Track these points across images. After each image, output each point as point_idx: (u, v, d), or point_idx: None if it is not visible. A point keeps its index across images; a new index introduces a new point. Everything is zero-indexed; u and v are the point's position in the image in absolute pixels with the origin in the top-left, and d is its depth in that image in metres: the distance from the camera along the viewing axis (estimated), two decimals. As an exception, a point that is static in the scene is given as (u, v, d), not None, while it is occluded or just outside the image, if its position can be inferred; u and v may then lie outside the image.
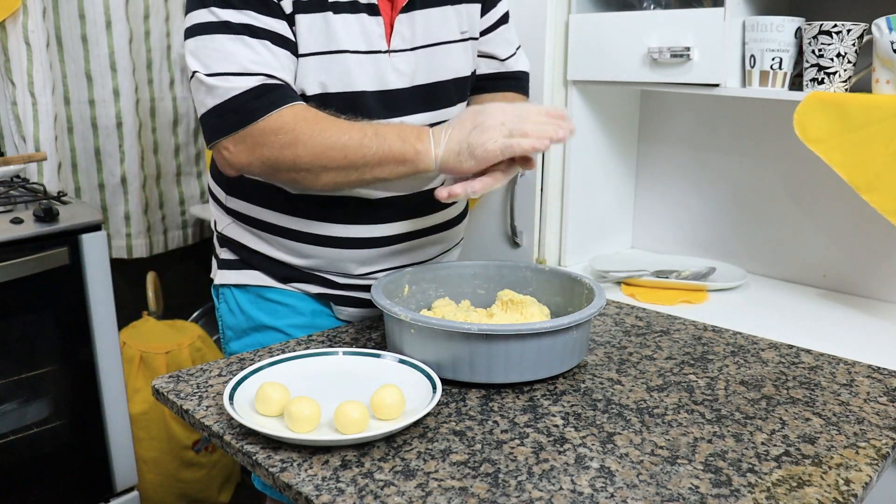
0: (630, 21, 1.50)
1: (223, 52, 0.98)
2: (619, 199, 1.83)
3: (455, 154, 0.98)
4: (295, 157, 0.99)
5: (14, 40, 1.88)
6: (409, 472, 0.77)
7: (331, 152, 0.98)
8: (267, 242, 1.17)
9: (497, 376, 0.94)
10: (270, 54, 0.99)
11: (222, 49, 0.98)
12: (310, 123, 0.98)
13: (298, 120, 0.98)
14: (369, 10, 1.05)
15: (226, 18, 0.98)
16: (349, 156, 0.98)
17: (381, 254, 1.15)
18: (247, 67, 0.98)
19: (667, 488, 0.74)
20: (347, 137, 0.98)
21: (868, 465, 0.79)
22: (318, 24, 1.02)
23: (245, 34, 0.98)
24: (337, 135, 0.98)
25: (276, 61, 1.00)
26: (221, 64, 0.98)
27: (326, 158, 0.98)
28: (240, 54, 0.98)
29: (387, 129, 1.00)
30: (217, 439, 0.85)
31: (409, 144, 0.98)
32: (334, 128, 0.99)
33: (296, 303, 1.19)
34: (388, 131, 1.00)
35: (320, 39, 1.03)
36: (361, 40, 1.05)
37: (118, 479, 1.76)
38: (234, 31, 0.98)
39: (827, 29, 1.26)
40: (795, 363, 1.06)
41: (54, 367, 1.65)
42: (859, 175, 1.24)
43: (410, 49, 1.09)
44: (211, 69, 0.98)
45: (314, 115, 1.00)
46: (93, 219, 1.62)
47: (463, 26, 1.16)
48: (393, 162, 0.99)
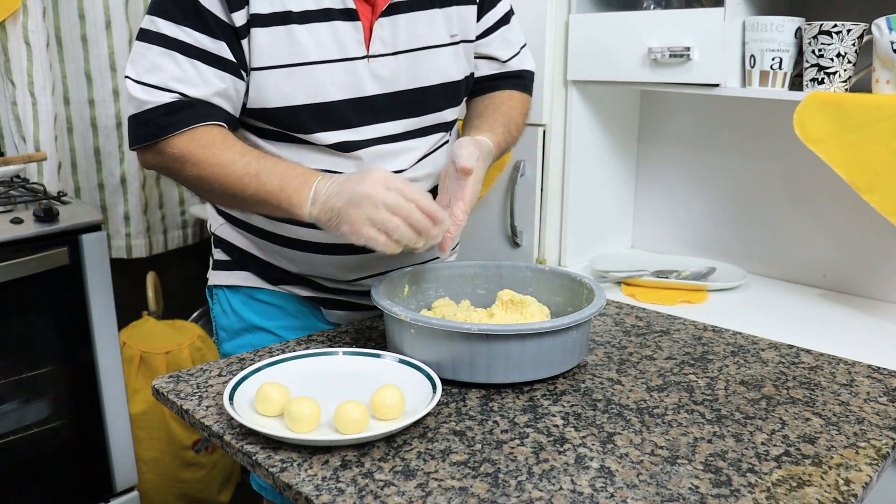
0: (630, 21, 1.50)
1: (151, 63, 1.00)
2: (619, 199, 1.83)
3: (326, 220, 0.96)
4: (186, 176, 1.01)
5: (14, 40, 1.88)
6: (409, 472, 0.77)
7: (210, 180, 1.00)
8: (256, 245, 1.17)
9: (497, 376, 0.94)
10: (196, 73, 1.00)
11: (152, 60, 1.00)
12: (200, 146, 1.00)
13: (193, 141, 1.00)
14: (345, 16, 1.03)
15: (163, 31, 1.00)
16: (228, 188, 0.99)
17: (366, 260, 1.14)
18: (166, 83, 0.99)
19: (667, 488, 0.74)
20: (230, 170, 0.98)
21: (868, 465, 0.79)
22: (279, 37, 1.01)
23: (175, 50, 1.00)
24: (219, 165, 0.99)
25: (200, 80, 1.00)
26: (147, 74, 1.00)
27: (208, 185, 1.01)
28: (165, 69, 0.99)
29: (273, 170, 0.98)
30: (217, 439, 0.85)
31: (285, 194, 0.97)
32: (220, 156, 0.99)
33: (286, 304, 1.19)
34: (273, 174, 0.98)
35: (282, 53, 1.01)
36: (333, 48, 1.03)
37: (118, 479, 1.75)
38: (167, 45, 1.00)
39: (827, 29, 1.26)
40: (795, 363, 1.06)
41: (54, 367, 1.65)
42: (859, 175, 1.24)
43: (391, 54, 1.07)
44: (139, 77, 1.00)
45: (210, 137, 1.00)
46: (93, 219, 1.62)
47: (453, 29, 1.13)
48: (268, 205, 0.99)
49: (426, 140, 1.15)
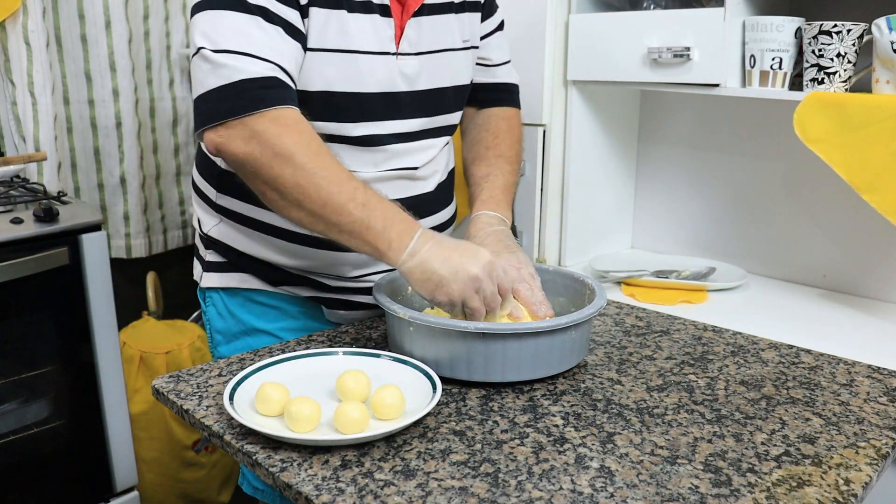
0: (630, 21, 1.50)
1: (235, 29, 0.90)
2: (619, 199, 1.83)
3: (420, 281, 0.93)
4: (280, 174, 0.90)
5: (14, 40, 1.88)
6: (409, 472, 0.77)
7: (312, 192, 0.91)
8: (258, 243, 1.14)
9: (495, 375, 0.94)
10: (283, 42, 0.94)
11: (235, 26, 0.91)
12: (312, 149, 0.91)
13: (304, 138, 0.91)
14: (381, 11, 1.05)
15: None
16: (326, 208, 0.91)
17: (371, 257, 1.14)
18: (261, 51, 0.91)
19: (667, 488, 0.74)
20: (337, 190, 0.91)
21: (868, 465, 0.79)
22: (333, 20, 1.00)
23: (260, 16, 0.92)
24: (328, 180, 0.91)
25: (288, 51, 0.94)
26: (232, 41, 0.90)
27: (304, 195, 0.91)
28: (254, 35, 0.91)
29: (378, 206, 0.92)
30: (217, 439, 0.85)
31: (385, 235, 0.92)
32: (332, 172, 0.91)
33: (286, 305, 1.19)
34: (377, 209, 0.92)
35: (334, 36, 1.00)
36: (374, 40, 1.04)
37: (118, 479, 1.75)
38: (250, 11, 0.91)
39: (827, 29, 1.26)
40: (795, 363, 1.06)
41: (54, 367, 1.65)
42: (859, 175, 1.24)
43: (415, 54, 1.09)
44: (219, 45, 0.90)
45: (318, 143, 0.93)
46: (93, 219, 1.62)
47: (465, 35, 1.16)
48: (362, 240, 0.93)
49: (438, 140, 1.18)
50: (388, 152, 1.10)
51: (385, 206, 0.93)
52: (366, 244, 0.93)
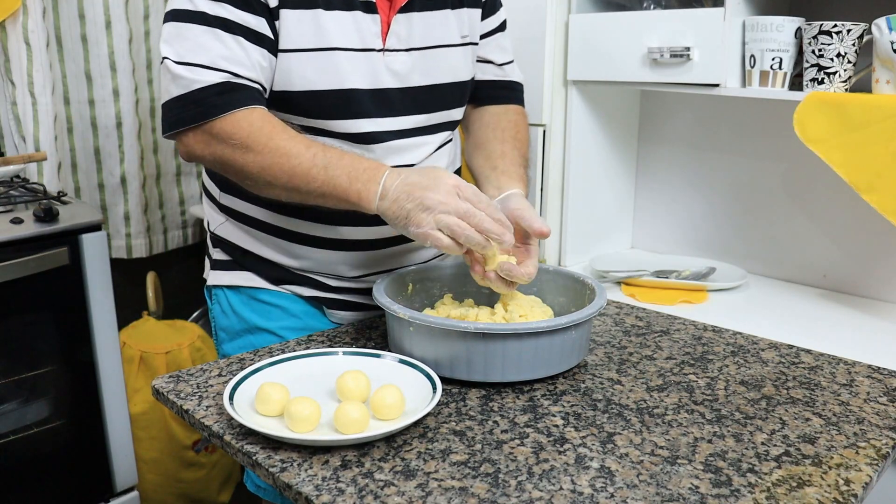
0: (630, 21, 1.50)
1: (194, 43, 0.97)
2: (619, 199, 1.83)
3: (392, 217, 0.95)
4: (244, 164, 0.98)
5: (14, 40, 1.88)
6: (409, 472, 0.77)
7: (276, 171, 0.97)
8: (260, 242, 1.16)
9: (494, 375, 0.94)
10: (242, 51, 0.99)
11: (194, 39, 0.97)
12: (264, 134, 0.97)
13: (255, 128, 0.97)
14: (365, 8, 1.05)
15: (203, 9, 0.98)
16: (293, 180, 0.97)
17: (373, 256, 1.15)
18: (214, 62, 0.97)
19: (667, 488, 0.74)
20: (297, 162, 0.96)
21: (868, 465, 0.79)
22: (306, 20, 1.01)
23: (219, 27, 0.98)
24: (286, 156, 0.96)
25: (246, 58, 0.99)
26: (191, 54, 0.97)
27: (271, 175, 0.98)
28: (210, 47, 0.97)
29: (339, 162, 0.97)
30: (217, 439, 0.85)
31: (353, 187, 0.95)
32: (286, 147, 0.97)
33: (288, 304, 1.19)
34: (340, 165, 0.96)
35: (309, 36, 1.02)
36: (355, 37, 1.04)
37: (118, 479, 1.76)
38: (209, 23, 0.98)
39: (827, 29, 1.26)
40: (795, 363, 1.06)
41: (54, 367, 1.65)
42: (859, 175, 1.24)
43: (406, 50, 1.09)
44: (181, 58, 0.98)
45: (271, 126, 0.98)
46: (93, 219, 1.62)
47: (464, 30, 1.15)
48: (334, 198, 0.97)
49: (436, 137, 1.17)
50: (383, 149, 1.10)
51: (346, 160, 0.97)
52: (341, 201, 0.97)
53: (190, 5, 0.98)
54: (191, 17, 0.98)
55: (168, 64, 0.99)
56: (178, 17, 0.99)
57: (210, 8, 0.98)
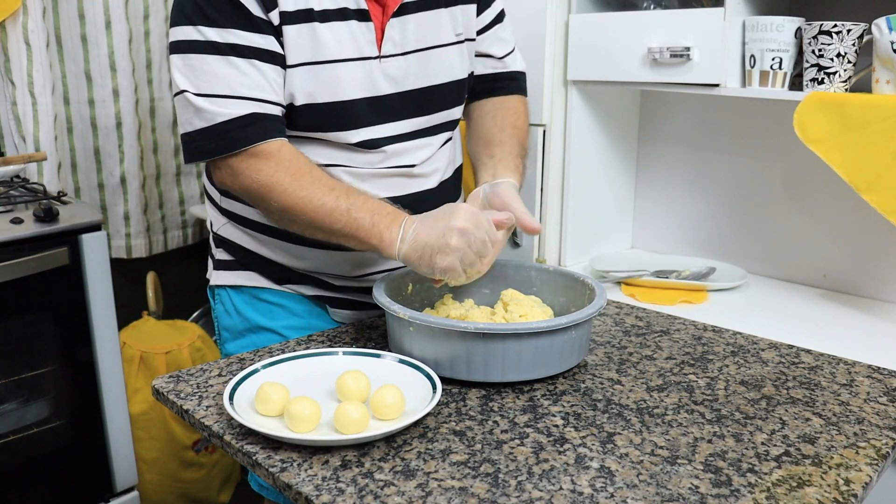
0: (630, 21, 1.50)
1: (211, 73, 0.98)
2: (619, 199, 1.83)
3: (415, 259, 0.98)
4: (268, 201, 1.00)
5: (14, 40, 1.88)
6: (409, 472, 0.77)
7: (299, 213, 0.99)
8: (261, 243, 1.17)
9: (494, 375, 0.94)
10: (259, 73, 0.99)
11: (210, 70, 0.98)
12: (289, 175, 0.99)
13: (280, 169, 0.99)
14: (359, 17, 1.05)
15: (211, 38, 0.98)
16: (316, 221, 0.99)
17: (373, 255, 1.15)
18: (235, 91, 0.98)
19: (667, 488, 0.74)
20: (320, 204, 0.98)
21: (868, 465, 0.79)
22: (304, 34, 1.02)
23: (231, 54, 0.98)
24: (309, 198, 0.98)
25: (264, 80, 1.00)
26: (209, 86, 0.98)
27: (294, 215, 1.00)
28: (228, 77, 0.98)
29: (363, 204, 0.99)
30: (217, 439, 0.85)
31: (376, 231, 0.98)
32: (310, 188, 0.99)
33: (291, 304, 1.19)
34: (363, 208, 0.99)
35: (307, 50, 1.02)
36: (351, 47, 1.04)
37: (118, 479, 1.76)
38: (221, 52, 0.98)
39: (827, 29, 1.26)
40: (795, 363, 1.06)
41: (54, 367, 1.65)
42: (859, 175, 1.24)
43: (402, 54, 1.09)
44: (200, 90, 0.98)
45: (297, 167, 1.00)
46: (93, 219, 1.62)
47: (458, 28, 1.15)
48: (357, 240, 1.00)
49: (437, 138, 1.17)
50: (385, 153, 1.10)
51: (370, 205, 1.00)
52: (362, 243, 1.00)
53: (198, 35, 0.98)
54: (201, 47, 0.98)
55: (188, 97, 0.99)
56: (188, 49, 0.99)
57: (219, 36, 0.98)
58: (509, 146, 1.18)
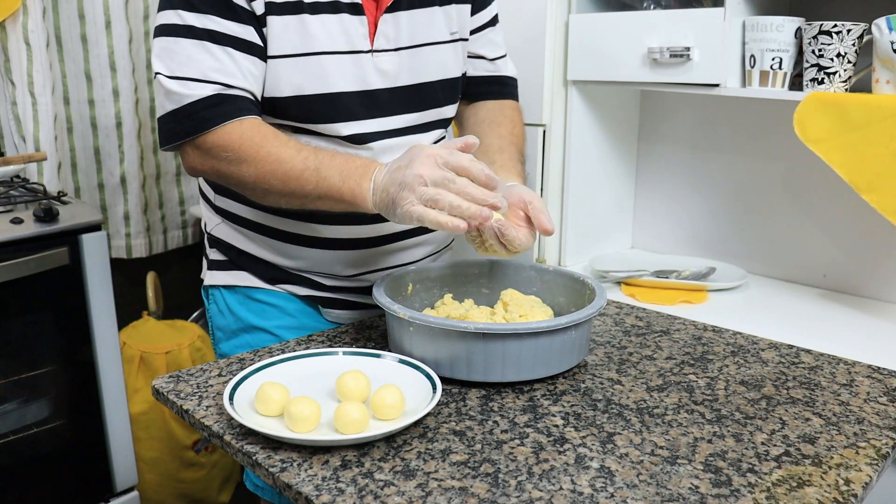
0: (630, 21, 1.50)
1: (183, 56, 0.99)
2: (619, 199, 1.83)
3: (384, 205, 0.93)
4: (239, 174, 0.99)
5: (14, 40, 1.88)
6: (409, 472, 0.77)
7: (271, 178, 0.98)
8: (254, 242, 1.17)
9: (494, 375, 0.94)
10: (231, 61, 1.00)
11: (183, 53, 0.99)
12: (255, 144, 0.98)
13: (245, 139, 0.98)
14: (352, 10, 1.05)
15: (190, 22, 0.99)
16: (289, 184, 0.97)
17: (366, 255, 1.15)
18: (206, 74, 0.98)
19: (667, 488, 0.74)
20: (289, 167, 0.96)
21: (868, 465, 0.79)
22: (292, 25, 1.02)
23: (206, 39, 0.99)
24: (278, 161, 0.97)
25: (235, 68, 1.00)
26: (182, 68, 0.99)
27: (267, 183, 0.98)
28: (200, 60, 0.98)
29: (331, 163, 0.96)
30: (217, 439, 0.85)
31: (346, 186, 0.95)
32: (279, 153, 0.97)
33: (284, 304, 1.19)
34: (332, 166, 0.96)
35: (295, 41, 1.02)
36: (342, 40, 1.04)
37: (118, 479, 1.76)
38: (197, 36, 0.99)
39: (827, 29, 1.26)
40: (795, 363, 1.06)
41: (54, 367, 1.65)
42: (859, 175, 1.24)
43: (394, 49, 1.09)
44: (173, 72, 0.99)
45: (262, 135, 0.99)
46: (93, 219, 1.62)
47: (452, 27, 1.15)
48: (331, 199, 0.97)
49: (428, 136, 1.16)
50: (374, 150, 1.10)
51: (337, 161, 0.97)
52: (337, 202, 0.97)
53: (178, 19, 0.99)
54: (179, 31, 0.99)
55: (161, 79, 1.00)
56: (167, 32, 1.00)
57: (198, 21, 0.99)
58: (509, 153, 1.17)
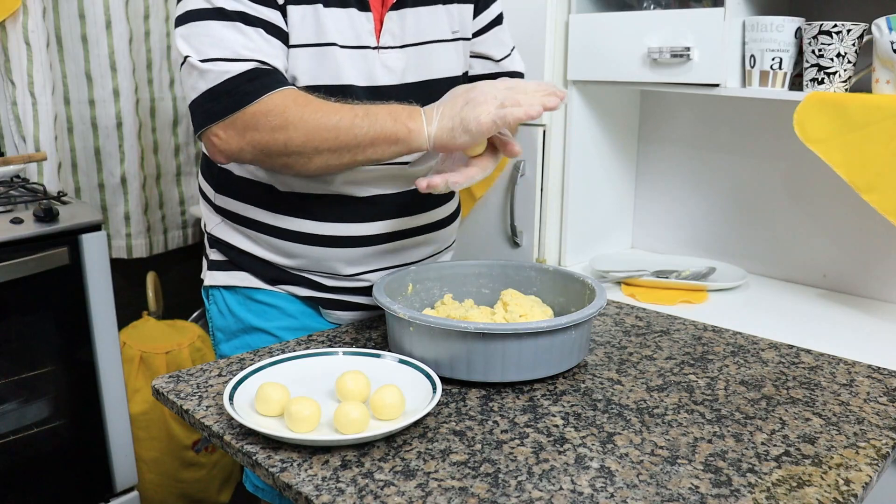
0: (630, 21, 1.50)
1: (216, 38, 0.98)
2: (619, 199, 1.83)
3: (448, 130, 0.97)
4: (286, 140, 0.98)
5: (14, 40, 1.88)
6: (409, 472, 0.77)
7: (322, 133, 0.97)
8: (255, 242, 1.17)
9: (494, 375, 0.94)
10: (264, 41, 1.00)
11: (216, 35, 0.98)
12: (300, 106, 0.98)
13: (288, 103, 0.98)
14: (359, 6, 1.06)
15: (220, 5, 0.99)
16: (340, 136, 0.97)
17: (367, 253, 1.15)
18: (239, 53, 0.98)
19: (667, 488, 0.74)
20: (338, 118, 0.97)
21: (868, 465, 0.79)
22: (309, 15, 1.03)
23: (239, 21, 0.99)
24: (327, 116, 0.97)
25: (269, 48, 1.00)
26: (214, 49, 0.98)
27: (318, 140, 0.98)
28: (233, 40, 0.98)
29: (378, 108, 0.99)
30: (217, 439, 0.85)
31: (400, 123, 0.97)
32: (325, 109, 0.98)
33: (284, 304, 1.19)
34: (380, 111, 0.98)
35: (310, 31, 1.03)
36: (350, 34, 1.05)
37: (118, 479, 1.75)
38: (229, 18, 0.98)
39: (827, 29, 1.26)
40: (795, 363, 1.06)
41: (54, 367, 1.65)
42: (859, 175, 1.24)
43: (400, 47, 1.10)
44: (204, 55, 0.98)
45: (304, 97, 0.99)
46: (93, 219, 1.62)
47: (454, 26, 1.16)
48: (385, 142, 0.98)
49: None
50: None
51: (384, 107, 1.00)
52: (391, 144, 0.98)
53: (206, 3, 0.99)
54: (209, 14, 0.99)
55: (192, 62, 0.98)
56: (195, 17, 0.99)
57: (228, 4, 0.99)
58: None
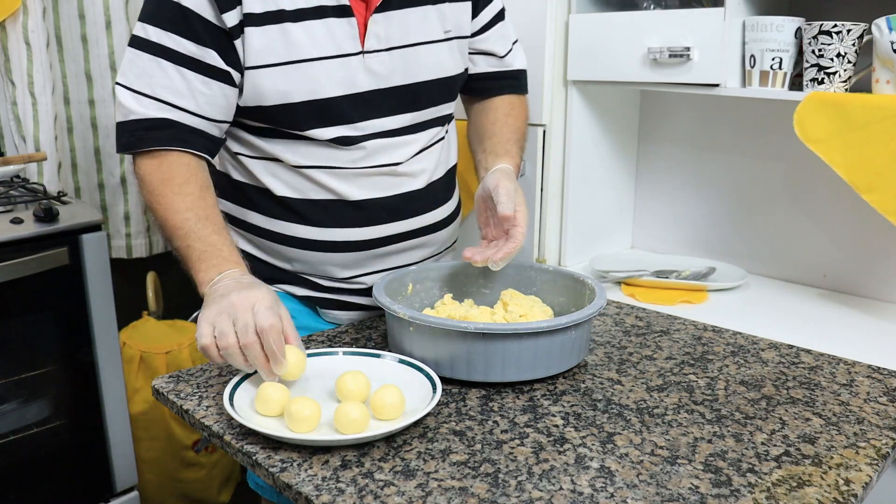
0: (630, 21, 1.50)
1: (141, 70, 1.01)
2: (619, 199, 1.83)
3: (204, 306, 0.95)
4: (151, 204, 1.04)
5: (14, 40, 1.88)
6: (409, 472, 0.77)
7: (156, 214, 1.03)
8: (252, 243, 1.17)
9: (494, 375, 0.94)
10: (182, 80, 1.01)
11: (141, 66, 1.01)
12: (161, 181, 1.01)
13: (158, 171, 1.01)
14: (339, 13, 1.05)
15: (152, 38, 1.01)
16: (164, 229, 1.02)
17: (363, 257, 1.15)
18: (155, 92, 1.01)
19: (667, 488, 0.74)
20: (170, 216, 1.00)
21: (868, 465, 0.79)
22: (273, 35, 1.02)
23: (161, 56, 1.01)
24: (163, 207, 1.01)
25: (185, 88, 1.01)
26: (137, 81, 1.01)
27: (153, 213, 1.04)
28: (152, 75, 1.01)
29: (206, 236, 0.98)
30: (217, 439, 0.85)
31: (198, 266, 0.98)
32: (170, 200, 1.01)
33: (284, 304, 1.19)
34: (198, 242, 0.98)
35: (278, 51, 1.02)
36: (328, 45, 1.04)
37: (118, 479, 1.75)
38: (154, 52, 1.01)
39: (827, 29, 1.26)
40: (795, 363, 1.06)
41: (54, 367, 1.65)
42: (859, 175, 1.24)
43: (386, 49, 1.08)
44: (129, 83, 1.02)
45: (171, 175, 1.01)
46: (93, 219, 1.62)
47: (447, 25, 1.15)
48: (186, 265, 1.01)
49: (424, 134, 1.16)
50: (366, 150, 1.10)
51: (211, 241, 0.99)
52: (188, 269, 1.00)
53: (143, 32, 1.02)
54: (142, 44, 1.01)
55: (117, 88, 1.03)
56: (133, 43, 1.02)
57: (158, 37, 1.01)
58: (500, 136, 1.19)
